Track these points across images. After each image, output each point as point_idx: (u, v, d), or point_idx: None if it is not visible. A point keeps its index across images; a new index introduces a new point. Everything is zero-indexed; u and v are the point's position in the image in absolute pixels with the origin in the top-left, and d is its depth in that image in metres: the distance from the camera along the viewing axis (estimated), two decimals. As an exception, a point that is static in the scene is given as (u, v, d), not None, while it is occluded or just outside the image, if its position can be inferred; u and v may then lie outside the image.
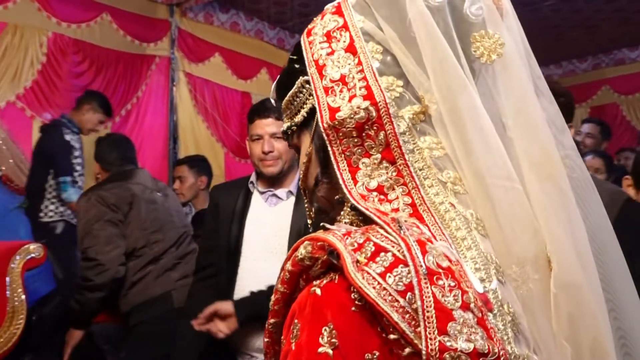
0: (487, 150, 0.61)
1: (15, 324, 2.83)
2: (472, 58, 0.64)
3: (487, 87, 0.64)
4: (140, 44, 4.48)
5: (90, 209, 2.31)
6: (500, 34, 0.64)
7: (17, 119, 3.73)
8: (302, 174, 0.71)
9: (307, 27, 0.70)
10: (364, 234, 0.54)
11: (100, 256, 2.24)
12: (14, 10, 3.71)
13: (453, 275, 0.52)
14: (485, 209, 0.61)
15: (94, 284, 2.25)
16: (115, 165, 2.52)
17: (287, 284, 0.59)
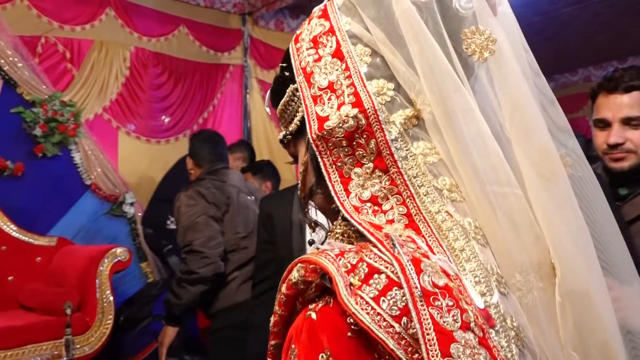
0: (485, 154, 0.57)
1: (105, 324, 3.00)
2: (464, 56, 0.59)
3: (482, 86, 0.60)
4: (215, 54, 4.62)
5: (194, 204, 2.32)
6: (491, 29, 0.60)
7: (103, 130, 3.95)
8: (300, 183, 0.68)
9: (295, 33, 0.66)
10: (357, 254, 0.51)
11: (205, 249, 2.24)
12: (100, 28, 3.94)
13: (451, 293, 0.49)
14: (484, 216, 0.57)
15: (199, 276, 2.23)
16: (207, 161, 2.52)
17: (284, 307, 0.56)
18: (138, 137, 4.18)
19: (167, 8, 4.30)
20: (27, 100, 3.46)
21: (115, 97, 4.03)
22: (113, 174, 3.82)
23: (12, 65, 3.38)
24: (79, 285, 2.98)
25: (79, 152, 3.65)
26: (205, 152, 2.54)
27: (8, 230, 3.20)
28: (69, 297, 2.87)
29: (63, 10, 3.76)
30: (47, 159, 3.53)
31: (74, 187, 3.65)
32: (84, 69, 3.85)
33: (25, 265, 3.21)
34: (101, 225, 3.73)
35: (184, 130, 4.45)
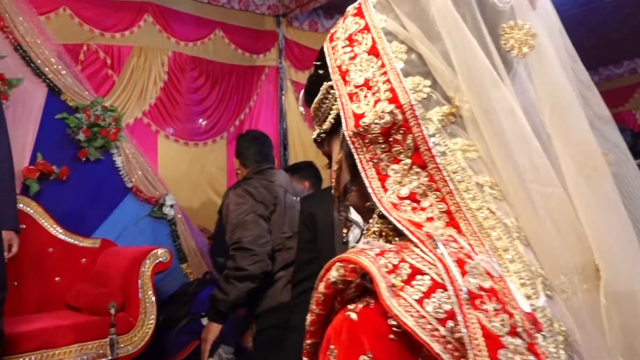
0: (525, 152, 0.55)
1: (147, 323, 3.06)
2: (502, 51, 0.58)
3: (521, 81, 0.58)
4: (251, 56, 4.66)
5: (243, 202, 2.33)
6: (531, 23, 0.58)
7: (143, 134, 4.04)
8: (334, 182, 0.67)
9: (330, 32, 0.66)
10: (398, 254, 0.50)
11: (254, 247, 2.25)
12: (139, 34, 4.03)
13: (497, 296, 0.47)
14: (525, 215, 0.55)
15: (248, 273, 2.23)
16: (253, 161, 2.54)
17: (321, 306, 0.55)
18: (176, 140, 4.25)
19: (203, 12, 4.37)
20: (71, 107, 3.57)
21: (154, 102, 4.11)
22: (153, 176, 3.89)
23: (56, 73, 3.49)
24: (122, 285, 3.05)
25: (120, 155, 3.74)
26: (251, 153, 2.56)
27: (55, 233, 3.31)
28: (112, 297, 2.94)
29: (103, 18, 3.86)
30: (90, 163, 3.63)
31: (116, 190, 3.74)
32: (124, 75, 3.95)
33: (71, 266, 3.31)
34: (142, 227, 3.81)
35: (221, 132, 4.50)
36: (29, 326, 2.70)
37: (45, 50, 3.45)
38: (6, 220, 2.41)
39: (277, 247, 2.36)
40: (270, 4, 4.71)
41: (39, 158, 3.39)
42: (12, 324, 2.62)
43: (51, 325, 2.76)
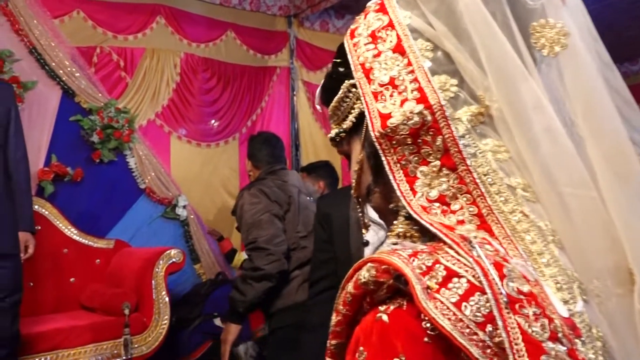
0: (557, 153, 0.53)
1: (161, 324, 3.07)
2: (533, 50, 0.56)
3: (552, 82, 0.56)
4: (262, 57, 4.67)
5: (257, 202, 2.34)
6: (563, 22, 0.56)
7: (156, 135, 4.06)
8: (355, 183, 0.66)
9: (349, 28, 0.64)
10: (431, 255, 0.48)
11: (270, 246, 2.25)
12: (151, 36, 4.06)
13: (536, 301, 0.46)
14: (558, 218, 0.54)
15: (265, 272, 2.23)
16: (265, 163, 2.55)
17: (349, 306, 0.53)
18: (189, 141, 4.27)
19: (214, 14, 4.38)
20: (85, 109, 3.60)
21: (167, 103, 4.13)
22: (166, 177, 3.91)
23: (70, 75, 3.52)
24: (136, 286, 3.07)
25: (133, 157, 3.77)
26: (263, 154, 2.57)
27: (69, 234, 3.34)
28: (126, 297, 2.95)
29: (116, 21, 3.89)
30: (104, 164, 3.66)
31: (129, 191, 3.76)
32: (136, 77, 3.97)
33: (86, 267, 3.34)
34: (156, 227, 3.83)
35: (233, 133, 4.51)
36: (45, 326, 2.73)
37: (60, 53, 3.48)
38: (23, 221, 2.43)
39: (292, 247, 2.36)
40: (282, 4, 4.72)
41: (54, 160, 3.42)
42: (28, 325, 2.65)
43: (66, 326, 2.79)
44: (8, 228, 2.33)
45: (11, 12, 3.33)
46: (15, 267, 2.36)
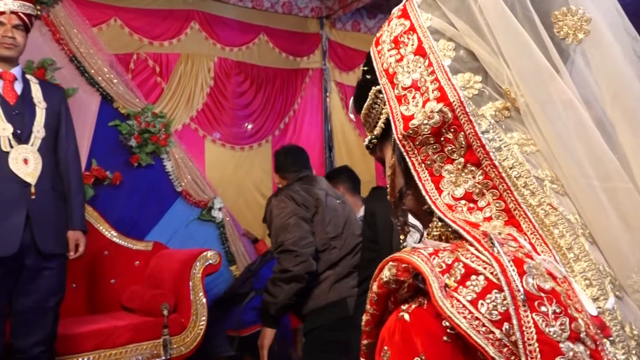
0: (588, 145, 0.52)
1: (199, 325, 3.11)
2: (556, 40, 0.55)
3: (579, 70, 0.56)
4: (295, 59, 4.68)
5: (285, 206, 2.39)
6: (584, 7, 0.55)
7: (191, 139, 4.11)
8: (389, 187, 0.67)
9: (375, 36, 0.66)
10: (452, 253, 0.48)
11: (297, 248, 2.29)
12: (185, 42, 4.12)
13: (558, 299, 0.44)
14: (591, 212, 0.52)
15: (293, 274, 2.27)
16: (292, 172, 2.62)
17: (375, 306, 0.54)
18: (223, 144, 4.31)
19: (247, 17, 4.42)
20: (123, 114, 3.68)
21: (201, 107, 4.18)
22: (201, 180, 3.96)
23: (108, 81, 3.61)
24: (174, 287, 3.12)
25: (170, 160, 3.83)
26: (288, 164, 2.64)
27: (109, 236, 3.41)
28: (165, 299, 3.00)
29: (152, 27, 3.97)
30: (142, 168, 3.73)
31: (166, 194, 3.83)
32: (172, 82, 4.04)
33: (125, 268, 3.41)
34: (192, 230, 3.89)
35: (266, 136, 4.54)
36: (87, 327, 2.79)
37: (98, 60, 3.58)
38: (74, 220, 2.47)
39: (321, 248, 2.38)
40: (313, 6, 4.72)
41: (94, 164, 3.51)
42: (71, 325, 2.72)
43: (108, 326, 2.85)
44: (56, 229, 2.38)
45: (52, 22, 3.44)
46: (61, 268, 2.41)
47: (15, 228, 2.22)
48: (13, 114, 2.30)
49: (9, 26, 2.31)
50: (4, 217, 2.21)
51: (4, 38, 2.30)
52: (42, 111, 2.40)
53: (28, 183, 2.27)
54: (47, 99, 2.43)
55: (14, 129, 2.28)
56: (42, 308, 2.33)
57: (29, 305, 2.30)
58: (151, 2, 3.95)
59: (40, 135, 2.36)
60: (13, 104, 2.33)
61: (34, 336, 2.31)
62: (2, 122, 2.27)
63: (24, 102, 2.36)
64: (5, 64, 2.36)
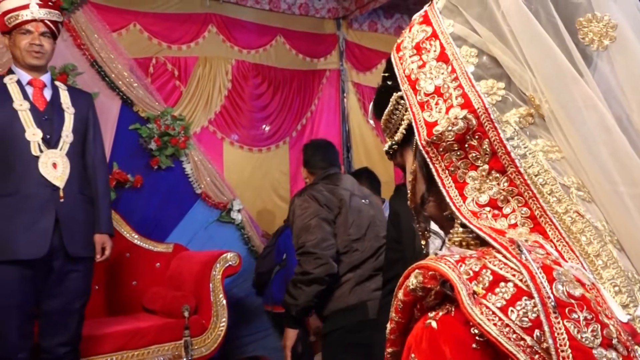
0: (614, 151, 0.52)
1: (219, 326, 3.13)
2: (581, 46, 0.55)
3: (603, 76, 0.55)
4: (312, 60, 4.69)
5: (307, 207, 2.38)
6: (610, 14, 0.55)
7: (210, 142, 4.14)
8: (410, 193, 0.67)
9: (396, 42, 0.65)
10: (479, 260, 0.48)
11: (317, 250, 2.28)
12: (203, 45, 4.15)
13: (589, 305, 0.44)
14: (618, 219, 0.52)
15: (313, 276, 2.26)
16: (320, 168, 2.58)
17: (401, 314, 0.54)
18: (241, 146, 4.34)
19: (264, 20, 4.44)
20: (143, 117, 3.73)
21: (219, 110, 4.21)
22: (220, 182, 3.99)
23: (128, 85, 3.66)
24: (194, 289, 3.14)
25: (189, 163, 3.87)
26: (317, 160, 2.61)
27: (131, 239, 3.46)
28: (186, 300, 3.03)
29: (170, 32, 4.01)
30: (162, 170, 3.77)
31: (186, 196, 3.86)
32: (190, 85, 4.07)
33: (147, 270, 3.45)
34: (212, 231, 3.92)
35: (284, 137, 4.55)
36: (110, 328, 2.83)
37: (119, 65, 3.62)
38: (101, 224, 2.50)
39: (343, 250, 2.36)
40: (330, 7, 4.72)
41: (115, 167, 3.56)
42: (95, 326, 2.76)
43: (131, 328, 2.88)
44: (84, 232, 2.42)
45: (74, 28, 3.49)
46: (87, 271, 2.45)
47: (44, 231, 2.26)
48: (43, 120, 2.35)
49: (36, 34, 2.35)
50: (35, 220, 2.26)
51: (32, 46, 2.34)
52: (71, 116, 2.45)
53: (57, 187, 2.31)
54: (75, 105, 2.48)
55: (44, 134, 2.33)
56: (68, 310, 2.38)
57: (55, 307, 2.35)
58: (170, 7, 3.99)
59: (68, 140, 2.40)
60: (42, 110, 2.38)
61: (60, 337, 2.36)
62: (32, 127, 2.32)
63: (53, 108, 2.41)
64: (35, 72, 2.40)
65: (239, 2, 4.28)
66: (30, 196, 2.26)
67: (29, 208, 2.26)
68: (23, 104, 2.33)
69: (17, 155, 2.27)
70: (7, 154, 2.28)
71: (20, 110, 2.32)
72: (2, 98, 2.30)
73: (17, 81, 2.36)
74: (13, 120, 2.29)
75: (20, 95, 2.34)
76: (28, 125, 2.31)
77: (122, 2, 3.79)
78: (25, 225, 2.24)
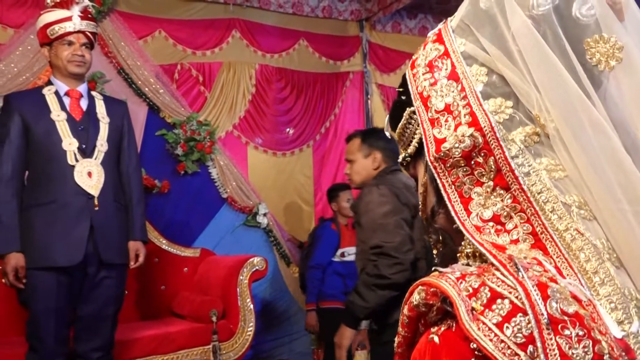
0: (618, 170, 0.53)
1: (247, 331, 3.13)
2: (588, 67, 0.56)
3: (611, 96, 0.57)
4: (335, 63, 4.67)
5: (386, 202, 2.14)
6: (617, 36, 0.57)
7: (234, 146, 4.16)
8: (421, 204, 0.70)
9: (412, 58, 0.68)
10: (479, 277, 0.50)
11: (399, 254, 2.07)
12: (227, 50, 4.17)
13: (582, 322, 0.46)
14: (621, 235, 0.53)
15: (391, 282, 2.07)
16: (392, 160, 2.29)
17: (407, 328, 0.57)
18: (265, 150, 4.35)
19: (287, 23, 4.44)
20: (169, 123, 3.76)
21: (243, 114, 4.22)
22: (246, 186, 4.00)
23: (155, 92, 3.70)
24: (222, 294, 3.15)
25: (215, 167, 3.89)
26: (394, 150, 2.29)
27: (159, 244, 3.49)
28: (214, 305, 3.04)
29: (195, 38, 4.04)
30: (188, 175, 3.80)
31: (212, 201, 3.89)
32: (215, 90, 4.10)
33: (175, 275, 3.47)
34: (238, 235, 3.93)
35: (307, 141, 4.55)
36: (140, 333, 2.86)
37: (145, 72, 3.67)
38: (135, 231, 2.53)
39: (417, 255, 2.15)
40: (353, 9, 4.70)
41: (143, 173, 3.58)
42: (125, 331, 2.79)
43: (160, 332, 2.90)
44: (118, 239, 2.45)
45: (101, 36, 3.54)
46: (120, 277, 2.48)
47: (80, 239, 2.30)
48: (79, 130, 2.40)
49: (77, 45, 2.40)
50: (70, 228, 2.30)
51: (74, 56, 2.39)
52: (106, 126, 2.49)
53: (92, 195, 2.35)
54: (110, 114, 2.52)
55: (80, 143, 2.37)
56: (102, 315, 2.41)
57: (89, 312, 2.38)
58: (194, 13, 4.03)
59: (103, 149, 2.44)
60: (79, 120, 2.43)
61: (94, 342, 2.40)
62: (69, 137, 2.36)
63: (89, 117, 2.45)
64: (74, 81, 2.45)
65: (262, 7, 4.29)
66: (67, 204, 2.31)
67: (66, 216, 2.30)
68: (60, 114, 2.38)
69: (54, 164, 2.33)
70: (45, 164, 2.33)
71: (58, 121, 2.37)
72: (41, 109, 2.36)
73: (55, 92, 2.41)
74: (51, 131, 2.34)
75: (57, 106, 2.39)
76: (65, 135, 2.36)
77: (148, 9, 3.83)
78: (62, 233, 2.29)
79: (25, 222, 2.30)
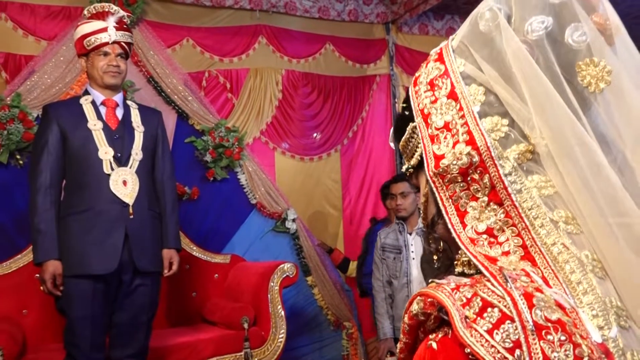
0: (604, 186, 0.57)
1: (278, 337, 3.11)
2: (579, 88, 0.61)
3: (599, 117, 0.61)
4: (361, 67, 4.64)
5: None
6: (606, 60, 0.60)
7: (262, 152, 4.17)
8: (422, 213, 0.74)
9: (414, 76, 0.71)
10: (472, 288, 0.55)
11: None
12: (254, 56, 4.19)
13: (564, 328, 0.50)
14: (606, 247, 0.57)
15: None
16: None
17: (407, 335, 0.61)
18: (292, 155, 4.34)
19: (313, 28, 4.44)
20: (198, 130, 3.79)
21: (271, 120, 4.23)
22: (275, 192, 4.00)
23: (183, 99, 3.73)
24: (253, 300, 3.14)
25: (244, 174, 3.89)
26: None
27: (190, 250, 3.50)
28: (245, 312, 3.03)
29: (222, 45, 4.07)
30: (217, 182, 3.81)
31: (241, 207, 3.89)
32: (242, 97, 4.12)
33: (205, 281, 3.48)
34: (267, 241, 3.92)
35: (335, 145, 4.53)
36: (172, 340, 2.87)
37: (174, 80, 3.70)
38: (168, 239, 2.55)
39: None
40: (379, 11, 4.67)
41: (174, 181, 3.62)
42: (158, 338, 2.79)
43: (192, 339, 2.91)
44: (152, 247, 2.47)
45: (131, 46, 3.59)
46: (154, 285, 2.50)
47: (115, 247, 2.33)
48: (114, 139, 2.43)
49: (112, 56, 2.44)
50: (106, 236, 2.33)
51: (110, 67, 2.43)
52: (140, 135, 2.51)
53: (127, 203, 2.37)
54: (145, 123, 2.55)
55: (115, 152, 2.40)
56: (136, 323, 2.43)
57: (124, 319, 2.41)
58: (220, 20, 4.05)
59: (138, 157, 2.46)
60: (114, 129, 2.46)
61: (129, 348, 2.42)
62: (105, 146, 2.40)
63: (124, 126, 2.48)
64: (110, 91, 2.49)
65: (288, 12, 4.29)
66: (102, 213, 2.33)
67: (101, 224, 2.33)
68: (97, 123, 2.42)
69: (90, 173, 2.36)
70: (82, 173, 2.37)
71: (94, 130, 2.40)
72: (78, 118, 2.40)
73: (92, 102, 2.45)
74: (88, 140, 2.38)
75: (94, 115, 2.42)
76: (101, 144, 2.39)
77: (176, 18, 3.88)
78: (98, 241, 2.31)
79: (62, 230, 2.33)
